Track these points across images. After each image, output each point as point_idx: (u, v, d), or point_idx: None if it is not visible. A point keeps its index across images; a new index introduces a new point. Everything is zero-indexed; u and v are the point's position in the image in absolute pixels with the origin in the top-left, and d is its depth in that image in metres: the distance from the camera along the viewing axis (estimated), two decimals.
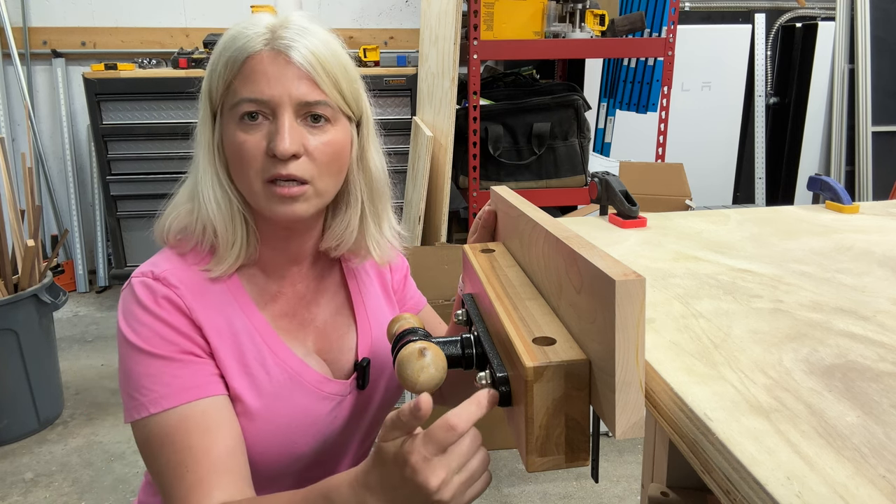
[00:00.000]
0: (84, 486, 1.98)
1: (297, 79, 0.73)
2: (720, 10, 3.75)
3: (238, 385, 0.77)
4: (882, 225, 0.96)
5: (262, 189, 0.75)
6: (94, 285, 3.62)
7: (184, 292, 0.76)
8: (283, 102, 0.73)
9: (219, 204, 0.77)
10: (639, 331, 0.45)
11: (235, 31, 0.76)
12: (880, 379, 0.49)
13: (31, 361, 2.18)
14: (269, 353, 0.80)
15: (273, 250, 0.83)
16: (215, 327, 0.77)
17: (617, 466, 2.05)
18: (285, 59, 0.73)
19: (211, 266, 0.79)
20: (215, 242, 0.79)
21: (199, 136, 0.79)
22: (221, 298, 0.79)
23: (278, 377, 0.79)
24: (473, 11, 2.34)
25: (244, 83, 0.73)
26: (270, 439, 0.79)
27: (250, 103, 0.73)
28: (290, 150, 0.72)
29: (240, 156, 0.74)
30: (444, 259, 2.08)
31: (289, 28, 0.75)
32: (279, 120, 0.73)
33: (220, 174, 0.77)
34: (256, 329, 0.80)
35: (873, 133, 3.61)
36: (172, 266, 0.78)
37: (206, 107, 0.78)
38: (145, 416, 0.72)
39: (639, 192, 2.33)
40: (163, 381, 0.72)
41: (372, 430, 0.94)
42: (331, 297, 0.90)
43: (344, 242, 0.84)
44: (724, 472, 0.40)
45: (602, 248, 0.52)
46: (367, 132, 0.83)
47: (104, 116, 3.00)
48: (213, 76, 0.76)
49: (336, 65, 0.76)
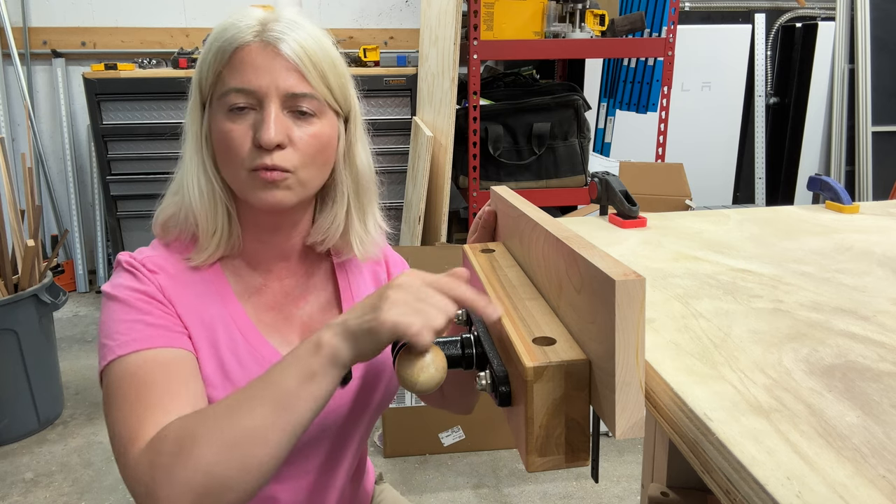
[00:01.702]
0: (84, 486, 1.98)
1: (286, 70, 0.74)
2: (720, 10, 3.75)
3: (207, 369, 0.77)
4: (882, 225, 0.96)
5: (246, 177, 0.76)
6: (94, 285, 3.62)
7: (161, 278, 0.78)
8: (269, 93, 0.74)
9: (202, 192, 0.78)
10: (639, 331, 0.45)
11: (227, 22, 0.77)
12: (880, 379, 0.49)
13: (31, 361, 2.18)
14: (242, 343, 0.80)
15: (260, 243, 0.84)
16: (190, 311, 0.78)
17: (617, 466, 2.05)
18: (274, 50, 0.74)
19: (192, 255, 0.80)
20: (197, 232, 0.80)
21: (187, 126, 0.81)
22: (200, 286, 0.80)
23: (250, 367, 0.80)
24: (473, 11, 2.34)
25: (232, 73, 0.74)
26: None
27: (238, 93, 0.74)
28: (275, 139, 0.73)
29: (226, 145, 0.76)
30: (444, 259, 2.08)
31: (279, 21, 0.76)
32: (265, 110, 0.74)
33: (207, 163, 0.79)
34: (233, 318, 0.80)
35: (873, 133, 3.60)
36: (154, 254, 0.80)
37: (196, 97, 0.79)
38: (112, 360, 0.71)
39: (639, 192, 2.33)
40: (135, 328, 0.73)
41: (367, 430, 0.94)
42: (318, 293, 0.90)
43: (329, 237, 0.85)
44: (724, 472, 0.40)
45: (602, 248, 0.52)
46: (355, 128, 0.83)
47: (104, 116, 3.00)
48: (203, 66, 0.78)
49: (325, 59, 0.77)
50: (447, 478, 2.01)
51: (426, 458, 2.10)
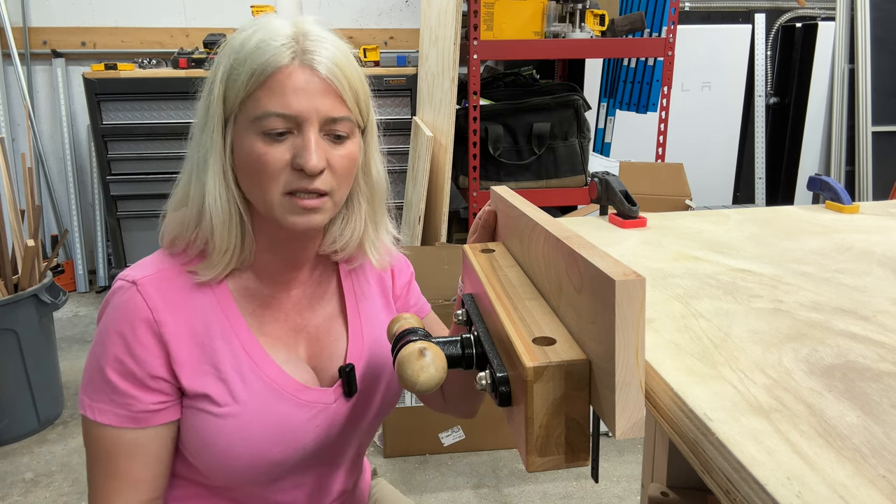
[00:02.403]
0: (84, 486, 1.98)
1: (323, 93, 0.73)
2: (720, 10, 3.75)
3: (210, 391, 0.77)
4: (882, 225, 0.96)
5: (280, 200, 0.74)
6: (94, 285, 3.62)
7: (157, 303, 0.76)
8: (310, 118, 0.72)
9: (220, 210, 0.76)
10: (639, 331, 0.45)
11: (258, 39, 0.73)
12: (880, 379, 0.49)
13: (31, 361, 2.18)
14: (245, 359, 0.79)
15: (272, 255, 0.82)
16: (190, 335, 0.77)
17: (617, 466, 2.05)
18: (311, 71, 0.72)
19: (199, 269, 0.78)
20: (207, 247, 0.78)
21: (202, 139, 0.77)
22: (202, 303, 0.78)
23: (253, 384, 0.79)
24: (473, 11, 2.34)
25: (271, 96, 0.72)
26: (243, 445, 0.78)
27: (278, 118, 0.72)
28: (319, 166, 0.72)
29: (260, 167, 0.73)
30: (444, 259, 2.08)
31: (309, 38, 0.74)
32: (305, 135, 0.72)
33: (230, 180, 0.76)
34: (236, 334, 0.79)
35: (873, 133, 3.61)
36: (156, 270, 0.78)
37: (219, 112, 0.75)
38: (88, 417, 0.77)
39: (639, 192, 2.33)
40: (109, 398, 0.76)
41: (368, 435, 0.93)
42: (326, 303, 0.89)
43: (348, 247, 0.84)
44: (724, 472, 0.40)
45: (602, 248, 0.52)
46: (371, 138, 0.83)
47: (104, 116, 3.00)
48: (232, 83, 0.74)
49: (356, 77, 0.76)
50: (447, 478, 2.01)
51: (426, 458, 2.10)
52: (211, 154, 0.76)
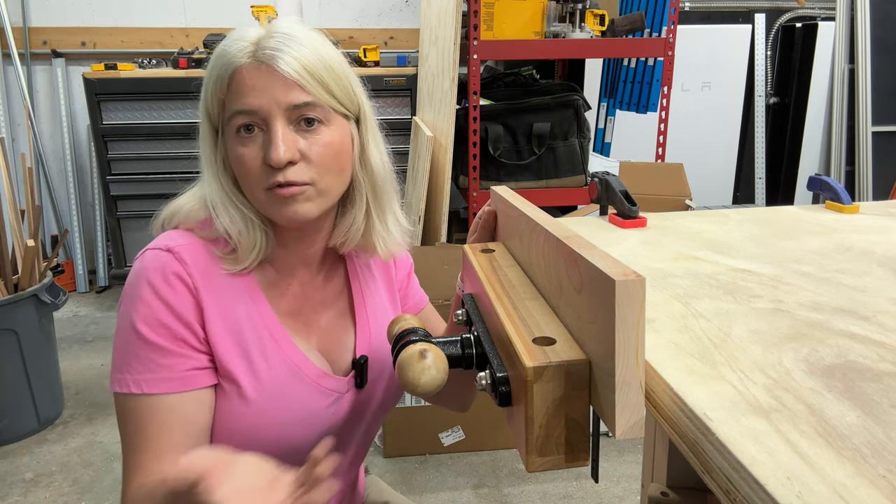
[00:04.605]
0: (84, 486, 1.98)
1: (283, 85, 0.74)
2: (720, 10, 3.74)
3: (235, 369, 0.78)
4: (882, 225, 0.96)
5: (264, 197, 0.76)
6: (94, 285, 3.62)
7: (193, 270, 0.77)
8: (272, 110, 0.73)
9: (232, 217, 0.78)
10: (639, 331, 0.45)
11: (221, 48, 0.77)
12: (880, 379, 0.49)
13: (31, 361, 2.18)
14: (270, 343, 0.80)
15: (284, 249, 0.84)
16: (219, 309, 0.77)
17: (617, 466, 2.05)
18: (269, 68, 0.73)
19: (227, 264, 0.79)
20: (234, 243, 0.80)
21: (201, 152, 0.81)
22: (231, 284, 0.79)
23: (278, 367, 0.80)
24: (473, 11, 2.34)
25: (233, 97, 0.74)
26: (265, 428, 0.79)
27: (241, 115, 0.74)
28: (284, 158, 0.73)
29: (241, 169, 0.76)
30: (444, 259, 2.08)
31: (273, 37, 0.75)
32: (272, 129, 0.74)
33: (226, 188, 0.79)
34: (262, 318, 0.80)
35: (873, 133, 3.60)
36: (187, 242, 0.79)
37: (207, 124, 0.79)
38: (125, 392, 0.75)
39: (639, 192, 2.33)
40: (147, 367, 0.74)
41: (370, 431, 0.94)
42: (335, 299, 0.90)
43: (350, 239, 0.85)
44: (724, 472, 0.40)
45: (602, 248, 0.52)
46: (367, 128, 0.83)
47: (104, 116, 2.99)
48: (206, 95, 0.78)
49: (321, 67, 0.76)
50: (447, 478, 2.01)
51: (426, 458, 2.10)
52: (206, 166, 0.80)
